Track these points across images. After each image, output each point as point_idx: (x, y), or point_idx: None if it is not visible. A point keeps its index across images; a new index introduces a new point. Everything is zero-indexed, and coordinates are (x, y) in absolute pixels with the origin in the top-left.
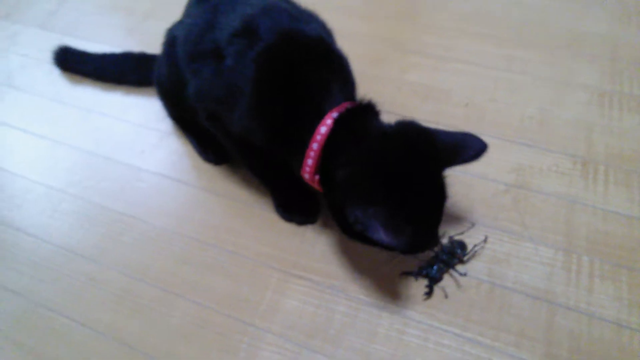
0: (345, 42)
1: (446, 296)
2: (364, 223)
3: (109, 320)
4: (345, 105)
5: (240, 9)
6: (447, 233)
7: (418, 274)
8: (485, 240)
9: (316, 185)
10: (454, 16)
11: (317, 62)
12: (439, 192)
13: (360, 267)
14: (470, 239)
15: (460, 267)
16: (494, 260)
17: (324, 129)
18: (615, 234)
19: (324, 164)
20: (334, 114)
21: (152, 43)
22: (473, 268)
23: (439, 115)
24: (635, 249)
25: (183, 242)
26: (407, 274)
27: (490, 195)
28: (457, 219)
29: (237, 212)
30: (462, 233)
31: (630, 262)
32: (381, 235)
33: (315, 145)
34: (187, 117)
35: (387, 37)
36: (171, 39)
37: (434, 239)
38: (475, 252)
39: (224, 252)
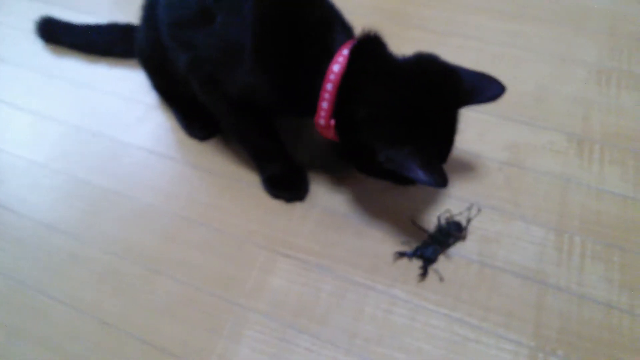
0: (344, 15)
1: (442, 279)
2: (398, 162)
3: (91, 299)
4: (352, 41)
5: None
6: (443, 213)
7: (413, 254)
8: (478, 210)
9: (331, 132)
10: None
11: (312, 4)
12: (454, 129)
13: (348, 246)
14: (462, 217)
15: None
16: (485, 239)
17: (337, 67)
18: (608, 213)
19: (339, 106)
20: (344, 51)
21: (138, 14)
22: (463, 247)
23: None
24: (629, 229)
25: (168, 219)
26: (401, 254)
27: (483, 173)
28: (451, 197)
29: (225, 188)
30: (460, 213)
31: (623, 242)
32: (418, 174)
33: (329, 86)
34: (170, 89)
35: (386, 11)
36: (148, 5)
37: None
38: (470, 223)
39: (211, 229)
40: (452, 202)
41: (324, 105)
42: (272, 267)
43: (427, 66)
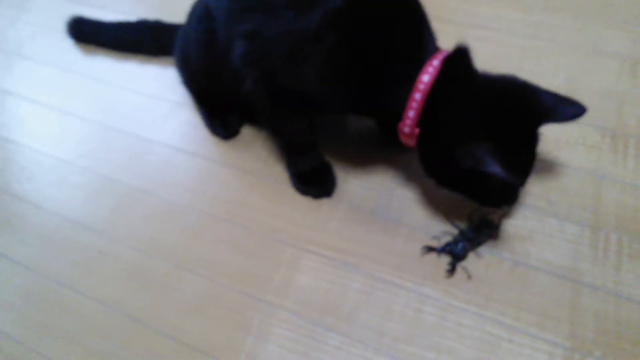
0: None
1: (469, 277)
2: (478, 158)
3: (119, 295)
4: (442, 51)
5: None
6: (475, 211)
7: (442, 250)
8: (507, 210)
9: (413, 140)
10: None
11: (406, 10)
12: (536, 144)
13: (376, 243)
14: (495, 216)
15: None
16: (517, 237)
17: (426, 77)
18: None
19: (425, 114)
20: (435, 62)
21: (165, 10)
22: (495, 245)
23: None
24: None
25: (195, 217)
26: (430, 249)
27: None
28: None
29: (251, 185)
30: (493, 211)
31: None
32: (496, 168)
33: (417, 96)
34: (203, 87)
35: None
36: (204, 11)
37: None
38: (502, 222)
39: (237, 226)
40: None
41: (411, 114)
42: (299, 264)
43: (510, 83)
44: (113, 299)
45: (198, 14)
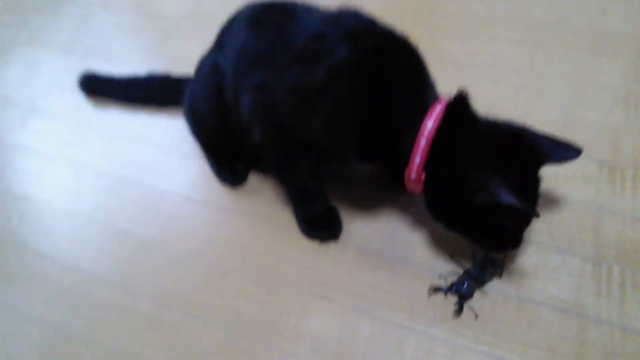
0: None
1: (476, 316)
2: (492, 192)
3: (136, 349)
4: (443, 98)
5: (309, 21)
6: (479, 249)
7: (448, 290)
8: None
9: (420, 186)
10: (472, 20)
11: (408, 61)
12: (538, 185)
13: (384, 285)
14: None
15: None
16: (521, 273)
17: (430, 123)
18: None
19: (430, 159)
20: (438, 108)
21: (174, 62)
22: (500, 282)
23: None
24: None
25: (207, 264)
26: (437, 289)
27: None
28: None
29: (260, 231)
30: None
31: None
32: (511, 199)
33: (423, 141)
34: (211, 138)
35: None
36: (213, 68)
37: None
38: (506, 259)
39: (248, 272)
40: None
41: (417, 159)
42: (309, 309)
43: (509, 127)
44: (131, 352)
45: (207, 70)
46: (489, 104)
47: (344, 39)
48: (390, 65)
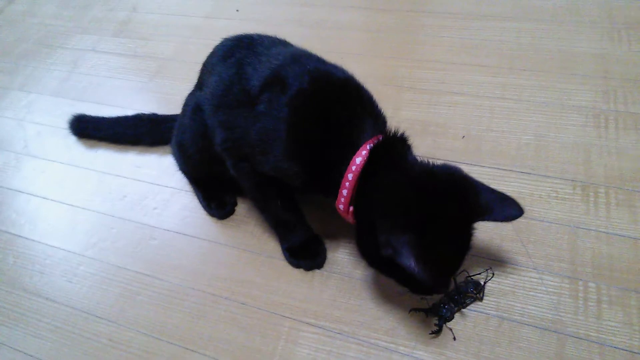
0: None
1: (454, 338)
2: (395, 248)
3: None
4: (378, 137)
5: (265, 60)
6: (460, 273)
7: (429, 311)
8: (492, 273)
9: (350, 217)
10: (446, 50)
11: (348, 101)
12: (466, 241)
13: (368, 310)
14: (479, 278)
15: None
16: (500, 293)
17: (359, 159)
18: (620, 257)
19: (358, 194)
20: (368, 146)
21: (161, 100)
22: (480, 303)
23: (436, 150)
24: None
25: (197, 297)
26: (417, 310)
27: (491, 226)
28: (478, 256)
29: (247, 262)
30: (478, 274)
31: (638, 285)
32: (411, 263)
33: (350, 176)
34: (198, 173)
35: (381, 76)
36: (195, 107)
37: (448, 284)
38: (486, 285)
39: (236, 303)
40: (474, 263)
41: (344, 192)
42: (296, 337)
43: (448, 176)
44: None
45: (191, 107)
46: (464, 129)
47: (291, 81)
48: (328, 104)
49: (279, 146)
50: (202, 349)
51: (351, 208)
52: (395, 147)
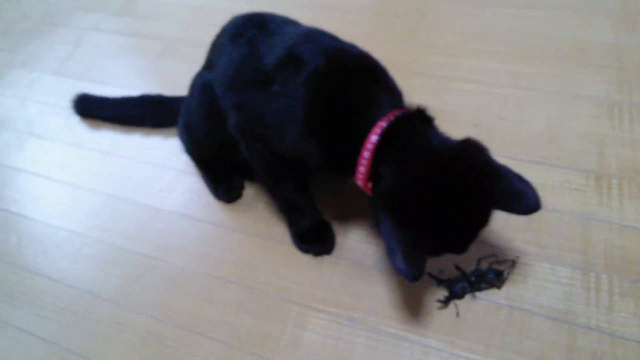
0: None
1: (457, 314)
2: (387, 240)
3: None
4: (395, 112)
5: (278, 39)
6: (487, 257)
7: (442, 282)
8: (514, 264)
9: (369, 192)
10: (458, 35)
11: (363, 78)
12: (476, 224)
13: (378, 297)
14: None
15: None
16: (512, 282)
17: (374, 137)
18: (632, 249)
19: (374, 171)
20: (383, 123)
21: (166, 81)
22: (491, 291)
23: None
24: None
25: (203, 281)
26: (432, 276)
27: (504, 216)
28: (490, 245)
29: (255, 246)
30: (502, 262)
31: None
32: (396, 259)
33: (366, 154)
34: (205, 154)
35: (392, 61)
36: (203, 86)
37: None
38: (509, 275)
39: (244, 288)
40: (474, 245)
41: (361, 169)
42: (304, 322)
43: (464, 159)
44: None
45: (199, 87)
46: (475, 117)
47: (307, 60)
48: (344, 81)
49: (296, 126)
50: (210, 332)
51: (369, 184)
52: (411, 123)
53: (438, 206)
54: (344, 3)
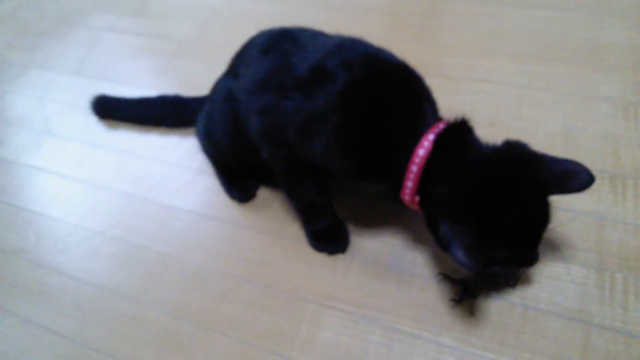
0: None
1: (472, 313)
2: (448, 239)
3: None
4: (439, 125)
5: (312, 50)
6: None
7: (457, 281)
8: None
9: (416, 206)
10: (473, 35)
11: (404, 87)
12: (537, 218)
13: (392, 296)
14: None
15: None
16: (527, 282)
17: (422, 151)
18: None
19: (423, 184)
20: (430, 136)
21: (181, 81)
22: (505, 291)
23: None
24: None
25: (220, 278)
26: (446, 276)
27: None
28: None
29: (270, 245)
30: None
31: None
32: (459, 254)
33: (414, 168)
34: (228, 162)
35: (406, 61)
36: (227, 93)
37: (532, 258)
38: (523, 274)
39: (259, 286)
40: None
41: (409, 184)
42: (319, 320)
43: (511, 153)
44: None
45: (222, 96)
46: (491, 116)
47: (341, 69)
48: (384, 92)
49: (329, 137)
50: (226, 329)
51: (417, 198)
52: (457, 135)
53: (498, 200)
54: (359, 3)
